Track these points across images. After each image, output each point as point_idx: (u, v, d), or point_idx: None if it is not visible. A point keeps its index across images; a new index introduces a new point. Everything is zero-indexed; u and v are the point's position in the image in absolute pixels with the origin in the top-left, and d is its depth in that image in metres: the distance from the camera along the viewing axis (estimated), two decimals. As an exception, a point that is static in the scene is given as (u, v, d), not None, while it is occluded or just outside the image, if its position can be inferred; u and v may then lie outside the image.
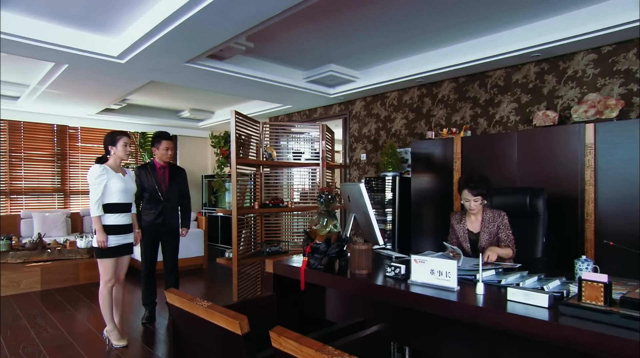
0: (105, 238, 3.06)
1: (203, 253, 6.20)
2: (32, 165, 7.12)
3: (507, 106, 4.38)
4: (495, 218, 2.83)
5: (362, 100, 5.91)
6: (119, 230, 3.15)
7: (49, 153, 7.30)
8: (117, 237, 3.14)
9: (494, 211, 2.87)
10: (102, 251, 3.10)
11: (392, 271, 2.12)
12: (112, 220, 3.12)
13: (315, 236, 2.51)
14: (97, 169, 3.06)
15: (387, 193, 5.23)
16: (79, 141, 7.65)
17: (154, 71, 4.54)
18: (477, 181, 2.79)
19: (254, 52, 4.66)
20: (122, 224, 3.18)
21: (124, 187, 3.16)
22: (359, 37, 4.31)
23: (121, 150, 3.21)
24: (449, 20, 3.86)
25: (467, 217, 2.96)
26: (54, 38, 3.71)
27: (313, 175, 5.06)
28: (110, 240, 3.09)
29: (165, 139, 3.79)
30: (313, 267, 2.35)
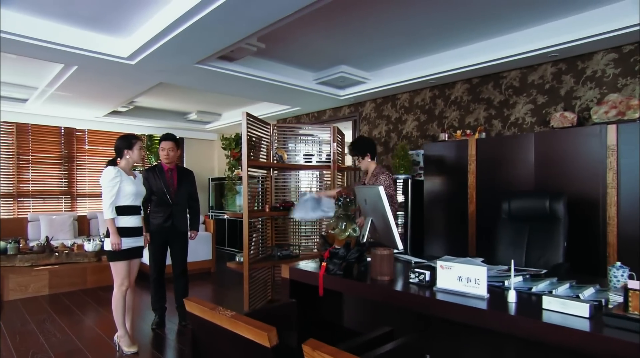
0: (120, 240, 3.02)
1: (211, 257, 6.14)
2: (40, 168, 7.09)
3: (522, 107, 4.29)
4: (378, 176, 3.17)
5: (373, 102, 5.84)
6: (131, 232, 3.12)
7: (56, 156, 7.27)
8: (129, 239, 3.10)
9: (379, 170, 3.22)
10: (115, 254, 3.05)
11: (416, 277, 2.04)
12: (124, 222, 3.09)
13: (333, 241, 2.44)
14: (112, 172, 3.02)
15: (398, 196, 5.15)
16: (86, 144, 7.62)
17: (163, 72, 4.49)
18: (351, 147, 3.37)
19: (264, 54, 4.60)
20: (134, 226, 3.15)
21: (135, 190, 3.14)
22: (371, 38, 4.25)
23: (137, 154, 3.20)
24: (462, 21, 3.80)
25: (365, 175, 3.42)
26: (64, 39, 3.68)
27: (321, 178, 4.99)
28: (123, 242, 3.05)
29: (164, 139, 3.74)
30: (332, 273, 2.28)
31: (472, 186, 4.17)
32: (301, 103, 6.09)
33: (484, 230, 4.07)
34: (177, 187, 3.75)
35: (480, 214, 4.12)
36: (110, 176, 3.01)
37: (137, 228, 3.18)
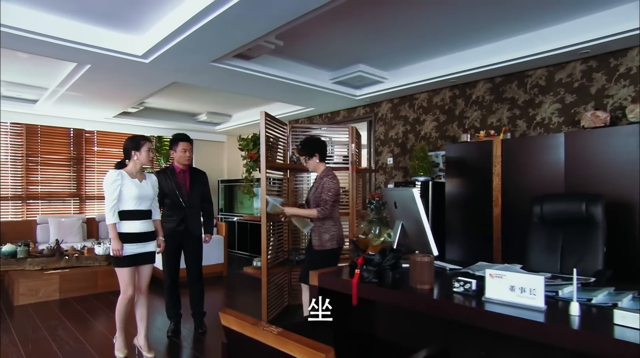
0: (121, 246, 2.86)
1: (223, 261, 6.01)
2: (48, 170, 7.00)
3: (549, 106, 4.15)
4: (323, 178, 3.08)
5: (389, 102, 5.71)
6: (136, 238, 2.95)
7: (65, 157, 7.18)
8: (133, 245, 2.93)
9: (325, 172, 3.10)
10: (118, 260, 2.91)
11: (461, 286, 1.89)
12: (127, 228, 2.92)
13: (365, 246, 2.31)
14: (112, 175, 2.89)
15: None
16: (95, 145, 7.52)
17: (178, 71, 4.38)
18: (299, 146, 3.27)
19: (280, 52, 4.48)
20: (138, 232, 2.96)
21: (138, 193, 2.95)
22: (390, 36, 4.12)
23: (145, 156, 3.03)
24: (485, 19, 3.68)
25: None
26: (78, 36, 3.57)
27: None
28: (125, 249, 2.89)
29: (182, 140, 3.57)
30: (367, 281, 2.14)
31: (497, 188, 4.02)
32: (315, 103, 5.97)
33: (511, 234, 3.93)
34: (189, 189, 3.60)
35: (506, 217, 3.96)
36: (110, 180, 2.87)
37: (143, 233, 2.99)
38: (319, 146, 3.16)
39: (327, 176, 3.07)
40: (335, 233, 3.09)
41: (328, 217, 3.04)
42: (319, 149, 3.13)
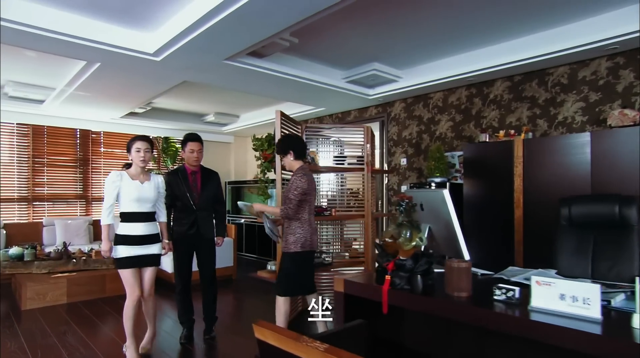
0: (109, 247, 2.85)
1: (232, 263, 5.89)
2: (55, 171, 6.91)
3: (571, 105, 4.02)
4: (292, 176, 2.99)
5: (403, 101, 5.59)
6: (135, 240, 2.87)
7: (72, 159, 7.09)
8: (130, 248, 2.85)
9: (297, 171, 2.99)
10: (117, 262, 2.88)
11: (503, 294, 1.77)
12: (123, 230, 2.87)
13: (392, 251, 2.19)
14: (111, 176, 2.89)
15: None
16: (102, 146, 7.43)
17: (189, 70, 4.27)
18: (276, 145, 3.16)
19: (293, 50, 4.37)
20: (135, 234, 2.88)
21: (137, 195, 2.89)
22: (405, 34, 4.02)
23: (134, 156, 2.94)
24: (504, 15, 3.58)
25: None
26: (89, 33, 3.47)
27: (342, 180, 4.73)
28: (121, 251, 2.84)
29: (191, 140, 3.43)
30: (399, 287, 2.02)
31: (518, 189, 3.89)
32: (327, 103, 5.85)
33: (533, 236, 3.80)
34: (201, 191, 3.46)
35: (529, 220, 3.84)
36: (109, 181, 2.87)
37: (145, 235, 2.92)
38: (294, 143, 3.05)
39: (297, 174, 2.96)
40: (300, 235, 2.93)
41: (294, 218, 2.93)
42: (293, 146, 3.02)
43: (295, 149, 3.03)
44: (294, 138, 3.15)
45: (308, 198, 2.97)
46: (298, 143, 3.09)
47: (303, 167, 3.04)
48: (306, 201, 2.96)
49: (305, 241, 2.94)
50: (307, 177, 2.95)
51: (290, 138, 3.14)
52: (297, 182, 2.90)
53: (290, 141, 3.10)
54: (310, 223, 3.00)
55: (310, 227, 2.99)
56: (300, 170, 2.99)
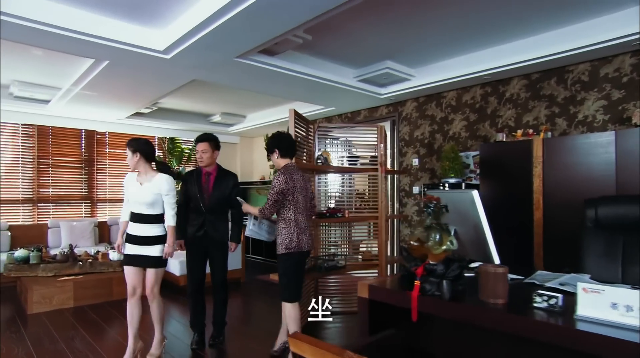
0: (118, 243, 3.07)
1: (241, 266, 5.79)
2: (60, 172, 6.82)
3: (592, 103, 3.91)
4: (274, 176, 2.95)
5: (414, 101, 5.48)
6: (128, 239, 2.98)
7: (77, 159, 7.00)
8: (128, 246, 2.97)
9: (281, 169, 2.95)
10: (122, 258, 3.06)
11: (545, 301, 1.66)
12: (128, 228, 3.03)
13: (420, 255, 2.09)
14: (126, 176, 3.06)
15: (446, 201, 4.76)
16: (107, 147, 7.34)
17: (199, 68, 4.17)
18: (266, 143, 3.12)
19: (304, 48, 4.27)
20: (130, 233, 2.97)
21: (131, 197, 2.95)
22: (420, 32, 3.94)
23: (128, 157, 2.95)
24: (521, 12, 3.49)
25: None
26: (98, 30, 3.37)
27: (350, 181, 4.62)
28: (126, 248, 2.98)
29: (198, 141, 3.37)
30: (429, 293, 1.91)
31: (538, 190, 3.78)
32: (337, 103, 5.75)
33: (554, 239, 3.68)
34: (211, 192, 3.36)
35: (549, 222, 3.72)
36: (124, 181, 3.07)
37: (136, 236, 2.94)
38: (279, 141, 3.00)
39: (277, 173, 2.92)
40: (285, 236, 2.88)
41: (280, 219, 2.90)
42: (277, 144, 2.98)
43: (280, 147, 2.98)
44: (280, 136, 3.05)
45: (291, 197, 2.88)
46: (284, 141, 3.02)
47: (287, 165, 2.97)
48: (290, 200, 2.88)
49: (291, 242, 2.86)
50: (288, 176, 2.87)
51: (276, 136, 3.05)
52: (274, 181, 2.87)
53: (276, 139, 3.03)
54: (296, 223, 2.90)
55: (296, 227, 2.90)
56: (283, 169, 2.93)
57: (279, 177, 2.86)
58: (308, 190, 3.04)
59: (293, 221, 2.88)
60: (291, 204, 2.89)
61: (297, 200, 2.90)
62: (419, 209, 5.38)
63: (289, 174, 2.87)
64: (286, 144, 3.01)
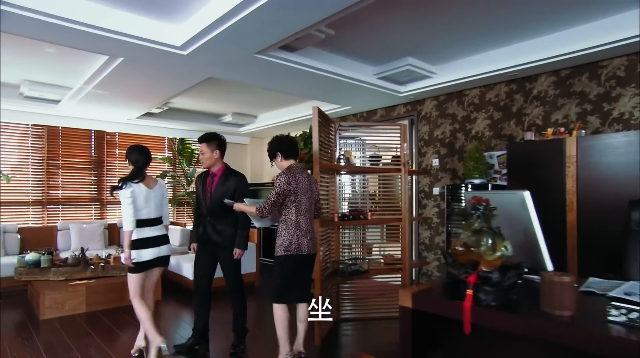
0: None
1: (255, 269, 5.64)
2: (69, 173, 6.70)
3: (629, 100, 3.73)
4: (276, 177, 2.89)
5: (434, 99, 5.32)
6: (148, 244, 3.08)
7: (86, 160, 6.88)
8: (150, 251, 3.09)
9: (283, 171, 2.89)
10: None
11: (623, 315, 1.50)
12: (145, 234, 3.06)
13: (467, 261, 1.93)
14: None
15: (470, 202, 4.60)
16: (117, 148, 7.22)
17: (216, 65, 4.02)
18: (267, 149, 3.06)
19: (324, 45, 4.13)
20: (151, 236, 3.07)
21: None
22: (443, 27, 3.81)
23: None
24: (551, 6, 3.34)
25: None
26: (113, 24, 3.23)
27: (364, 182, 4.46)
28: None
29: (199, 141, 3.28)
30: (484, 304, 1.75)
31: (571, 191, 3.61)
32: (353, 101, 5.59)
33: (590, 242, 3.51)
34: (212, 195, 3.22)
35: (584, 224, 3.55)
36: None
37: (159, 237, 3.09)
38: (280, 143, 2.96)
39: (280, 173, 2.85)
40: (285, 238, 2.80)
41: (282, 220, 2.84)
42: (279, 147, 2.95)
43: (282, 149, 2.94)
44: (280, 139, 2.99)
45: (293, 198, 2.80)
46: (285, 143, 2.97)
47: (291, 166, 2.91)
48: (292, 201, 2.81)
49: (290, 244, 2.78)
50: (291, 176, 2.80)
51: (276, 140, 2.99)
52: (276, 181, 2.81)
53: (276, 142, 2.97)
54: (298, 224, 2.82)
55: (297, 229, 2.81)
56: (286, 169, 2.87)
57: (281, 177, 2.80)
58: (313, 192, 2.98)
59: (294, 222, 2.81)
60: (293, 205, 2.82)
61: (299, 201, 2.83)
62: (440, 211, 5.21)
63: (292, 175, 2.81)
64: (287, 146, 2.96)
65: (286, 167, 2.90)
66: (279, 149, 2.94)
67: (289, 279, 2.83)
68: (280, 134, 3.04)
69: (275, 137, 3.02)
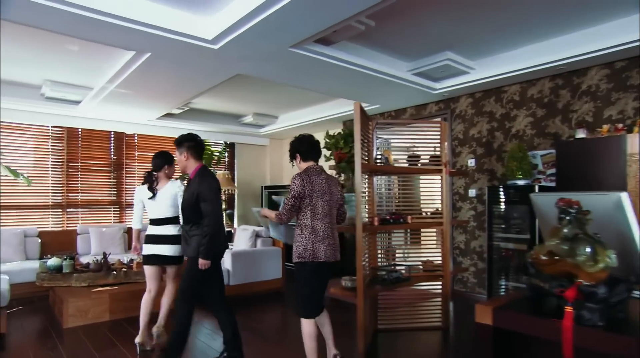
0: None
1: (281, 275, 5.43)
2: (88, 176, 6.56)
3: (695, 93, 3.44)
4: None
5: (469, 96, 5.06)
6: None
7: (105, 163, 6.74)
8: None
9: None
10: None
11: None
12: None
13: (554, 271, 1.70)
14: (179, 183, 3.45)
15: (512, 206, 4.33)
16: (136, 149, 7.07)
17: (247, 60, 3.81)
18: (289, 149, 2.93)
19: (358, 39, 3.91)
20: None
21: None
22: (485, 18, 3.58)
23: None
24: None
25: None
26: (141, 16, 3.04)
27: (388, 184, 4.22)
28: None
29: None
30: (589, 324, 1.50)
31: (634, 192, 3.33)
32: (383, 99, 5.35)
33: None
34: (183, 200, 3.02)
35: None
36: None
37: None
38: (300, 143, 2.81)
39: (295, 175, 2.70)
40: (299, 243, 2.65)
41: (298, 225, 2.69)
42: (298, 147, 2.81)
43: (301, 150, 2.80)
44: (300, 139, 2.83)
45: (308, 201, 2.65)
46: (304, 143, 2.81)
47: (308, 168, 2.75)
48: (307, 205, 2.66)
49: (305, 250, 2.62)
50: (305, 178, 2.66)
51: (296, 140, 2.84)
52: (291, 184, 2.68)
53: (296, 142, 2.83)
54: (313, 230, 2.64)
55: (312, 235, 2.63)
56: (302, 171, 2.73)
57: (295, 179, 2.66)
58: (334, 195, 2.77)
59: (309, 227, 2.65)
60: (308, 209, 2.66)
61: (315, 205, 2.66)
62: (476, 213, 4.94)
63: (307, 177, 2.67)
64: (306, 147, 2.80)
65: (304, 169, 2.77)
66: (299, 149, 2.81)
67: (309, 287, 2.66)
68: (302, 134, 2.88)
69: (296, 137, 2.87)
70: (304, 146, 2.80)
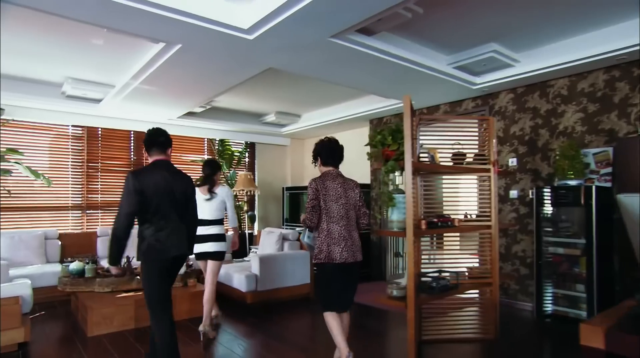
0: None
1: (309, 280, 5.18)
2: (108, 177, 6.39)
3: None
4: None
5: (510, 92, 4.76)
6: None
7: (125, 163, 6.57)
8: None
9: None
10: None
11: None
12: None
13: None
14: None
15: (562, 208, 4.04)
16: (156, 150, 6.88)
17: (283, 51, 3.56)
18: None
19: (396, 29, 3.66)
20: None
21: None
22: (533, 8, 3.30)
23: None
24: None
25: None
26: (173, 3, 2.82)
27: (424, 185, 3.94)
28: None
29: None
30: None
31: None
32: (417, 96, 5.08)
33: None
34: None
35: None
36: None
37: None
38: (321, 148, 2.94)
39: (310, 180, 2.87)
40: (317, 245, 2.79)
41: (316, 229, 2.82)
42: (319, 151, 2.94)
43: (321, 155, 2.93)
44: (322, 144, 2.95)
45: (323, 205, 2.78)
46: (324, 149, 2.93)
47: (324, 173, 2.90)
48: (323, 208, 2.79)
49: (320, 252, 2.77)
50: (319, 183, 2.81)
51: (318, 144, 2.97)
52: (309, 189, 2.83)
53: (317, 146, 2.96)
54: (329, 232, 2.77)
55: (328, 237, 2.77)
56: (318, 177, 2.88)
57: (311, 184, 2.83)
58: (350, 198, 2.86)
59: (325, 230, 2.79)
60: (323, 212, 2.80)
61: (329, 208, 2.79)
62: (518, 216, 4.64)
63: (321, 182, 2.82)
64: (326, 152, 2.93)
65: (321, 173, 2.91)
66: (319, 154, 2.94)
67: (327, 287, 2.83)
68: (327, 138, 2.97)
69: (320, 140, 2.98)
70: (324, 151, 2.92)
